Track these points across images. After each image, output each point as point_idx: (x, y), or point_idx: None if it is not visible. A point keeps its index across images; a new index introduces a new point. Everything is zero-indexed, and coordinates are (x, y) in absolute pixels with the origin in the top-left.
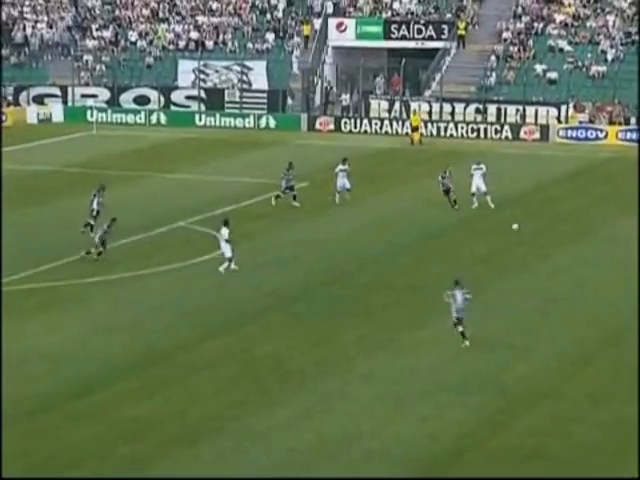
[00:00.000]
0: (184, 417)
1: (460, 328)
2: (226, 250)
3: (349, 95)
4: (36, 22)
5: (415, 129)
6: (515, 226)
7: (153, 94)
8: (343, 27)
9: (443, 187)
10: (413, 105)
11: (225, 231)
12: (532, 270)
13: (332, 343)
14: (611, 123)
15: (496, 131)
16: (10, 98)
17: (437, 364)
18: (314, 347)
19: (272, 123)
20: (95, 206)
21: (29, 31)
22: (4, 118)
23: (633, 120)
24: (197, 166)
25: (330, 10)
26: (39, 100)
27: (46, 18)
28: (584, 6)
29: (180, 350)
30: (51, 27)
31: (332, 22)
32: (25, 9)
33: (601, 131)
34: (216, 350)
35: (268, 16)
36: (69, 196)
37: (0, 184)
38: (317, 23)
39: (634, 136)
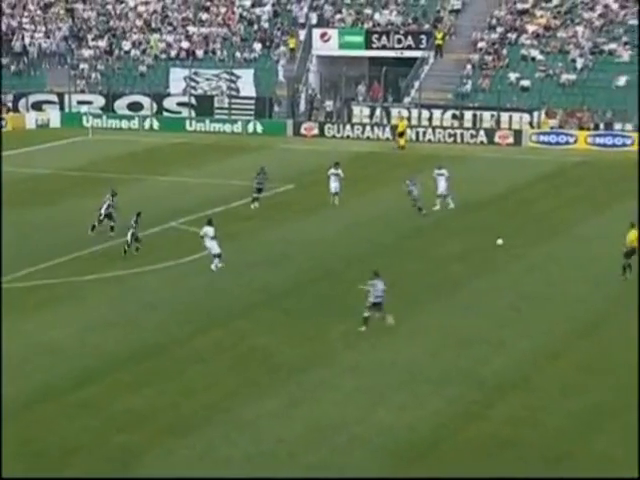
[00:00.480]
0: (176, 408)
1: (372, 314)
2: (213, 247)
3: (332, 102)
4: (34, 32)
5: (401, 134)
6: (499, 241)
7: (146, 101)
8: (327, 37)
9: (408, 194)
10: (394, 111)
11: (210, 229)
12: (506, 268)
13: (319, 337)
14: (581, 128)
15: (472, 136)
16: (10, 105)
17: (416, 357)
18: (301, 341)
19: (259, 128)
20: (103, 211)
21: (28, 41)
22: (4, 124)
23: (602, 126)
24: (188, 169)
25: (314, 21)
26: (37, 106)
27: (44, 28)
28: (555, 17)
29: (173, 345)
30: (49, 37)
31: (316, 32)
32: (24, 20)
33: (571, 136)
34: (207, 344)
35: (255, 27)
36: (66, 198)
37: (0, 186)
38: (302, 34)
39: (602, 141)
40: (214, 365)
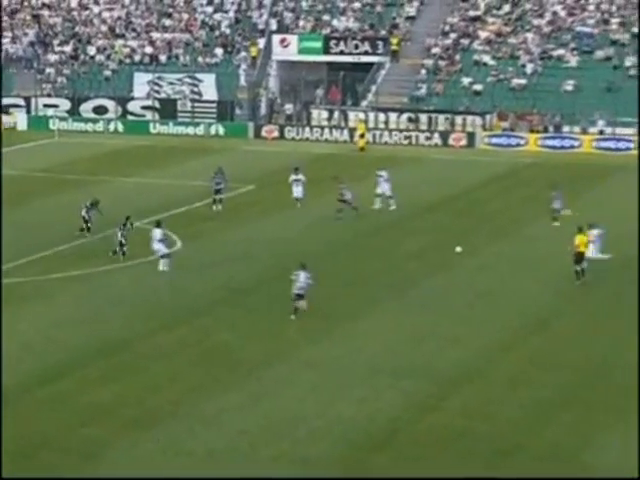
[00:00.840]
0: (142, 403)
1: (297, 304)
2: (161, 248)
3: (292, 105)
4: (1, 38)
5: (361, 136)
6: (458, 249)
7: (111, 104)
8: (286, 43)
9: (340, 196)
10: (351, 114)
11: (157, 232)
12: (460, 267)
13: (280, 334)
14: (531, 131)
15: (427, 138)
16: None
17: (373, 352)
18: (263, 337)
19: (221, 131)
20: (85, 215)
21: None
22: None
23: (551, 128)
24: (152, 171)
25: (274, 27)
26: (5, 110)
27: (10, 34)
28: (505, 24)
29: (138, 341)
30: (15, 42)
31: (276, 38)
32: None
33: (522, 138)
34: (171, 341)
35: (217, 32)
36: (33, 199)
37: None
38: (262, 40)
39: (552, 143)
40: (178, 361)
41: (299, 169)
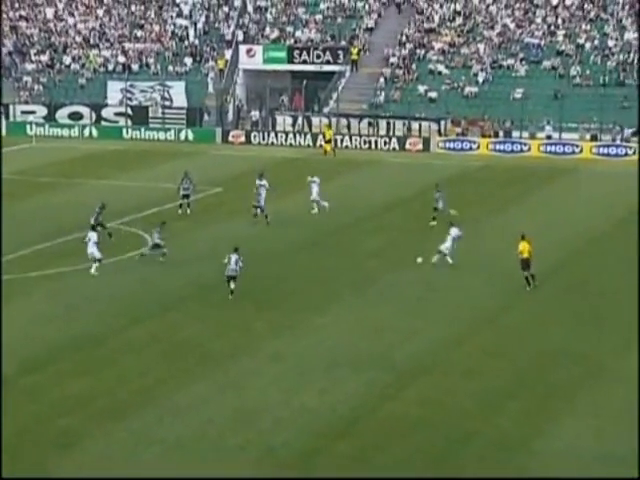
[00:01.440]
0: (114, 394)
1: (231, 285)
2: (95, 252)
3: (258, 111)
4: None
5: (328, 141)
6: (419, 260)
7: (85, 111)
8: (252, 52)
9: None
10: (315, 120)
11: (93, 235)
12: (415, 264)
13: (244, 328)
14: (483, 136)
15: (385, 143)
16: None
17: (335, 345)
18: (229, 331)
19: (190, 136)
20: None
21: None
22: None
23: (501, 133)
24: (124, 174)
25: (240, 38)
26: None
27: None
28: (458, 36)
29: (110, 335)
30: None
31: (242, 48)
32: None
33: (474, 143)
34: (142, 335)
35: (186, 43)
36: (11, 200)
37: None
38: (229, 50)
39: (502, 147)
40: (149, 354)
41: (264, 174)
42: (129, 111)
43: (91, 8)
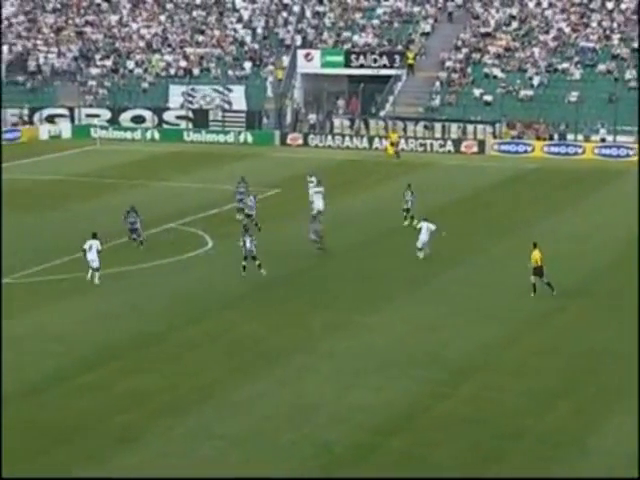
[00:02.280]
0: (174, 390)
1: (256, 262)
2: (95, 260)
3: (315, 114)
4: (48, 53)
5: (392, 144)
6: (444, 233)
7: (148, 114)
8: (310, 57)
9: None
10: (371, 123)
11: (96, 243)
12: (469, 263)
13: (301, 325)
14: (537, 139)
15: (440, 145)
16: (26, 118)
17: (388, 343)
18: (285, 329)
19: (249, 139)
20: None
21: (42, 60)
22: (20, 135)
23: (556, 136)
24: (185, 175)
25: (299, 42)
26: (50, 119)
27: (56, 49)
28: (514, 40)
29: (170, 333)
30: (60, 57)
31: (301, 53)
32: (38, 42)
33: (529, 145)
34: (201, 332)
35: (246, 47)
36: (75, 201)
37: (0, 193)
38: (287, 56)
39: (556, 150)
40: (207, 351)
41: (321, 181)
42: (190, 114)
43: (154, 14)
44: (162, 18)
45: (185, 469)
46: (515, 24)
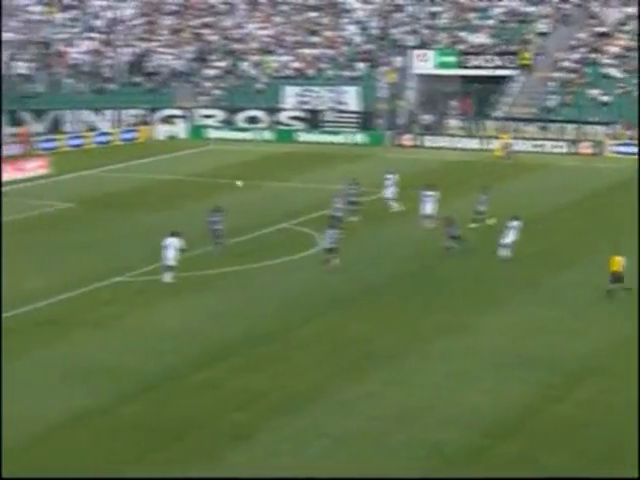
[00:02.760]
0: (284, 389)
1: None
2: (170, 259)
3: (428, 115)
4: (165, 54)
5: (505, 145)
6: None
7: (262, 115)
8: (424, 57)
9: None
10: (485, 124)
11: (174, 241)
12: (583, 265)
13: (412, 326)
14: None
15: (554, 146)
16: (143, 118)
17: (501, 345)
18: (396, 330)
19: (362, 139)
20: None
21: (159, 62)
22: (137, 135)
23: None
24: (298, 176)
25: (413, 43)
26: (167, 120)
27: (174, 51)
28: (632, 39)
29: (281, 332)
30: (177, 58)
31: (415, 53)
32: (156, 43)
33: None
34: (311, 332)
35: (359, 48)
36: (190, 201)
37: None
38: (401, 56)
39: None
40: (317, 351)
41: (435, 186)
42: (303, 115)
43: (269, 16)
44: (277, 19)
45: (295, 468)
46: (633, 24)
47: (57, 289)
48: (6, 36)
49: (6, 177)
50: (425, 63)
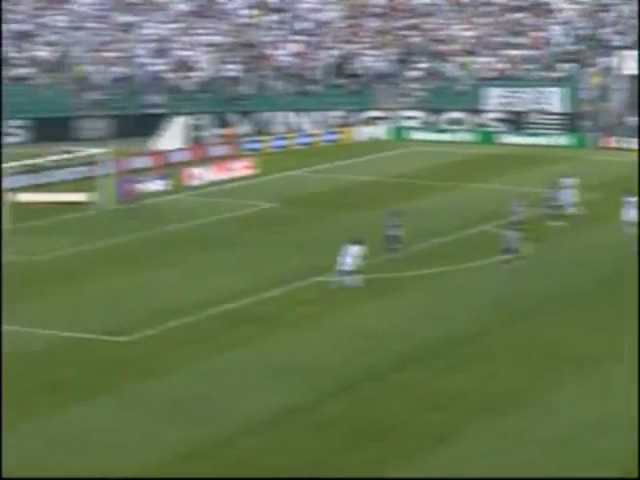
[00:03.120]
0: (486, 391)
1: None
2: (346, 264)
3: (635, 117)
4: (369, 56)
5: None
6: None
7: (464, 116)
8: (632, 58)
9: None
10: None
11: (355, 248)
12: None
13: (614, 333)
14: None
15: None
16: (346, 120)
17: None
18: (599, 335)
19: (566, 141)
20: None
21: (363, 64)
22: (340, 137)
23: None
24: (499, 178)
25: (620, 43)
26: (368, 121)
27: (377, 53)
28: None
29: (482, 334)
30: (381, 60)
31: (622, 54)
32: (359, 46)
33: None
34: (513, 335)
35: (564, 48)
36: (391, 202)
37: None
38: (608, 57)
39: None
40: (519, 354)
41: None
42: (506, 116)
43: (472, 17)
44: (480, 21)
45: (501, 470)
46: None
47: (261, 287)
48: (216, 39)
49: (213, 177)
50: (632, 64)
